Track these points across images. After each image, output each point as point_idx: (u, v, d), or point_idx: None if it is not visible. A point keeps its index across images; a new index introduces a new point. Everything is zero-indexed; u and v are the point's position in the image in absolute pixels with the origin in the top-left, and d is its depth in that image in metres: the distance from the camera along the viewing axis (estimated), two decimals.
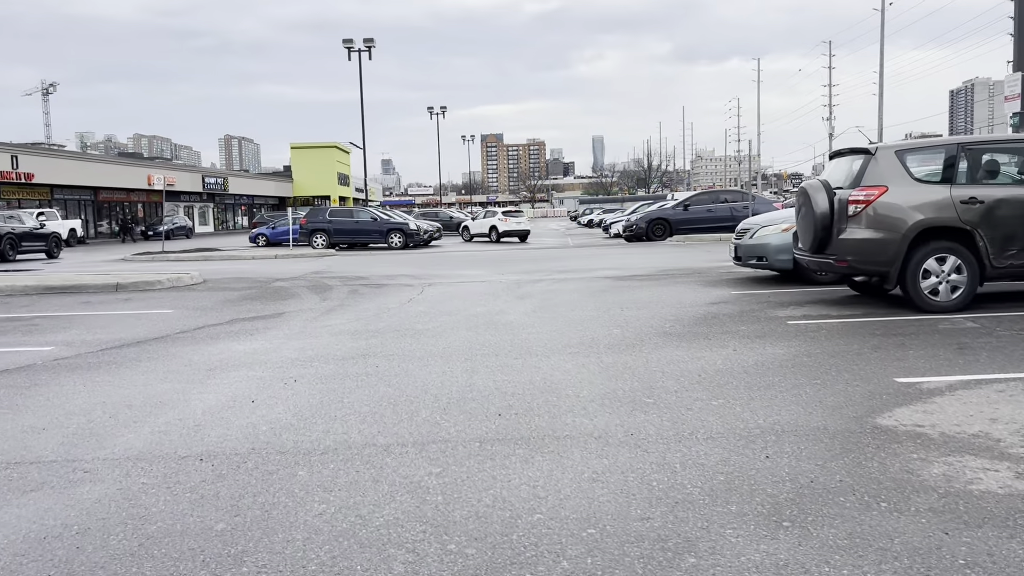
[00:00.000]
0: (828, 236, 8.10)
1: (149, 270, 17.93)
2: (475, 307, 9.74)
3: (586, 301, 9.87)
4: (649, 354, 6.39)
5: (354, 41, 44.47)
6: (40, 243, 26.94)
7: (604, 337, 7.26)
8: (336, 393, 5.49)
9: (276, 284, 13.52)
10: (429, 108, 70.24)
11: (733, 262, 11.51)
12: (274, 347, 7.42)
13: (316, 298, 11.30)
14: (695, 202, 25.15)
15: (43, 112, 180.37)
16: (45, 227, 28.55)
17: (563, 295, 10.60)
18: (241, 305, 10.72)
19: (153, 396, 5.59)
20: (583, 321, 8.24)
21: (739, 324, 7.68)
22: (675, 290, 10.62)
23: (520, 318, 8.67)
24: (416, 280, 13.59)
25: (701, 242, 22.44)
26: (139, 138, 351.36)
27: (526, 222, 35.16)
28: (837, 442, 4.01)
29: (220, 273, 16.57)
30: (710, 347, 6.59)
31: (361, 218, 30.23)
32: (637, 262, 15.92)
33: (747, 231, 10.98)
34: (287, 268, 17.92)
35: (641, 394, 5.11)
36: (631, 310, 8.89)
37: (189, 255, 23.87)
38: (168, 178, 39.02)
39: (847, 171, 8.30)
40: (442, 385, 5.60)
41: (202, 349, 7.42)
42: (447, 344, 7.23)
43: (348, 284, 13.21)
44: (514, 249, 25.02)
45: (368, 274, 15.34)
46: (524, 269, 15.44)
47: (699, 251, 18.68)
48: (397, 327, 8.37)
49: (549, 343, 7.07)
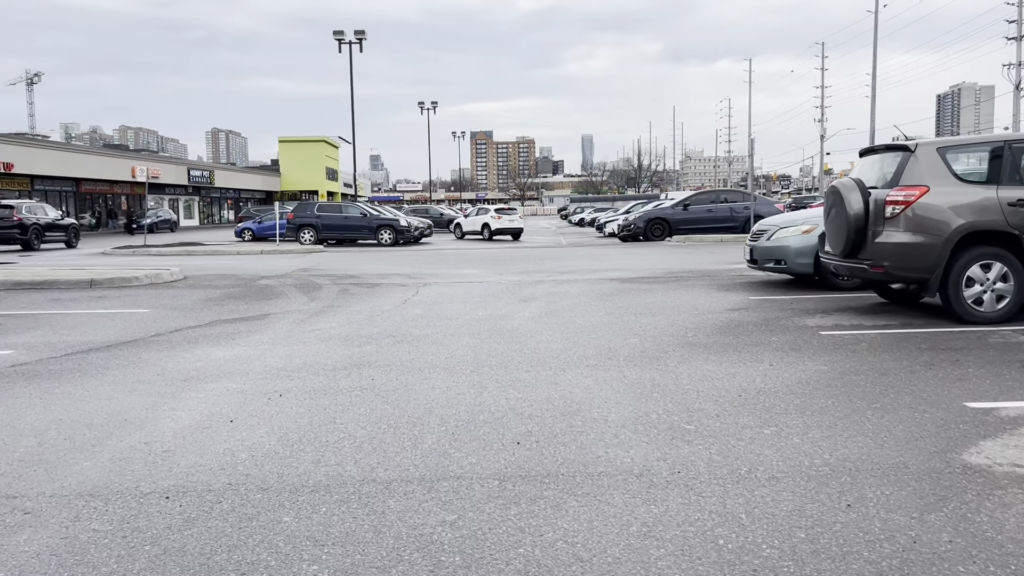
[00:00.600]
0: (862, 239, 7.48)
1: (128, 265, 17.14)
2: (476, 310, 9.07)
3: (595, 305, 9.21)
4: (677, 368, 5.74)
5: (345, 33, 43.61)
6: (61, 233, 28.40)
7: (622, 347, 6.61)
8: (327, 412, 4.81)
9: (261, 282, 12.79)
10: (420, 103, 69.44)
11: (747, 265, 10.89)
12: (257, 354, 6.73)
13: (304, 298, 10.59)
14: (695, 202, 24.51)
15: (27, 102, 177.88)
16: (65, 219, 29.62)
17: (569, 298, 9.94)
18: (223, 305, 10.00)
19: (118, 413, 4.90)
20: (595, 328, 7.59)
21: (767, 334, 7.05)
22: (688, 294, 9.99)
23: (526, 324, 8.01)
24: (410, 279, 12.90)
25: (702, 243, 21.83)
26: (125, 130, 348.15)
27: (519, 220, 34.55)
28: (927, 486, 3.37)
29: (203, 269, 15.81)
30: (742, 361, 5.96)
31: (350, 214, 29.47)
32: (641, 263, 15.29)
33: (764, 233, 10.36)
34: (273, 264, 17.18)
35: (679, 418, 4.46)
36: (646, 316, 8.25)
37: (172, 249, 23.06)
38: (152, 170, 38.14)
39: (882, 169, 7.69)
40: (448, 403, 4.93)
41: (177, 355, 6.72)
42: (449, 353, 6.56)
43: (338, 283, 12.50)
44: (509, 247, 24.35)
45: (359, 272, 14.63)
46: (523, 269, 14.77)
47: (702, 252, 18.07)
48: (393, 332, 7.69)
49: (562, 354, 6.41)
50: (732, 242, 21.72)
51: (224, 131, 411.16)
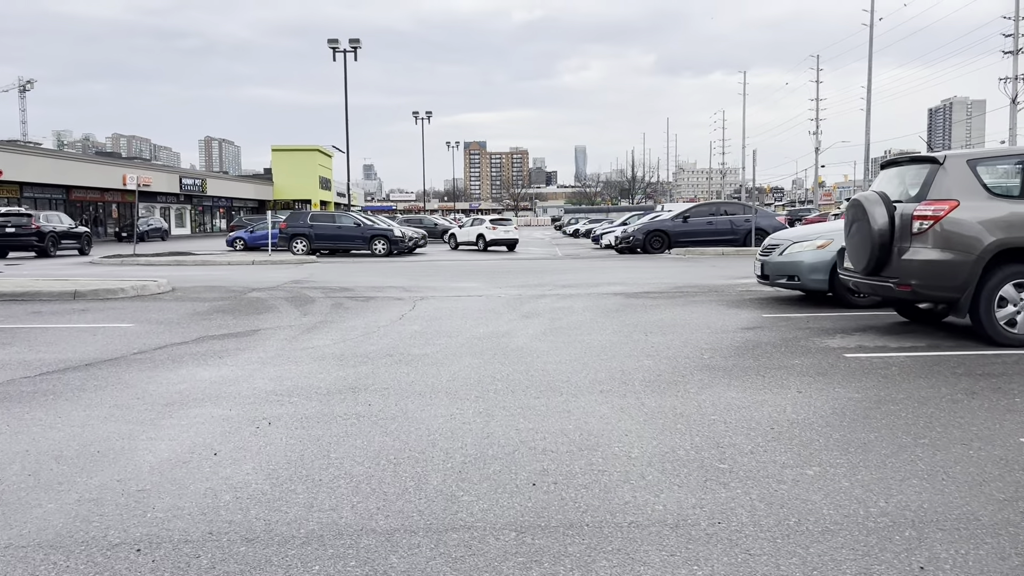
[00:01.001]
0: (887, 256, 7.09)
1: (115, 275, 16.66)
2: (476, 327, 8.65)
3: (602, 323, 8.80)
4: (698, 395, 5.33)
5: (339, 42, 43.29)
6: (74, 241, 29.47)
7: (635, 369, 6.20)
8: (320, 444, 4.38)
9: (252, 295, 12.33)
10: (414, 113, 69.11)
11: (758, 280, 10.50)
12: (246, 375, 6.29)
13: (296, 312, 10.15)
14: (695, 214, 24.13)
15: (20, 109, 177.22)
16: (78, 227, 30.60)
17: (573, 314, 9.53)
18: (211, 319, 9.55)
19: (92, 443, 4.46)
20: (605, 348, 7.17)
21: (789, 356, 6.65)
22: (698, 311, 9.58)
23: (531, 342, 7.59)
24: (406, 293, 12.46)
25: (703, 256, 21.46)
26: (118, 138, 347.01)
27: (514, 231, 34.23)
28: (1006, 543, 2.96)
29: (192, 280, 15.34)
30: (768, 387, 5.55)
31: (344, 223, 29.03)
32: (643, 277, 14.89)
33: (775, 247, 9.97)
34: (265, 276, 16.72)
35: (709, 455, 4.04)
36: (656, 335, 7.83)
37: (161, 259, 22.57)
38: (143, 178, 37.67)
39: (907, 183, 7.32)
40: (452, 435, 4.50)
41: (160, 376, 6.27)
42: (451, 375, 6.14)
43: (331, 296, 12.06)
44: (506, 259, 23.95)
45: (353, 285, 14.19)
46: (522, 282, 14.35)
47: (704, 266, 17.69)
48: (390, 351, 7.26)
49: (572, 377, 5.99)
50: (734, 255, 21.37)
51: (217, 139, 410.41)
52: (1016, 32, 47.35)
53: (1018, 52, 47.40)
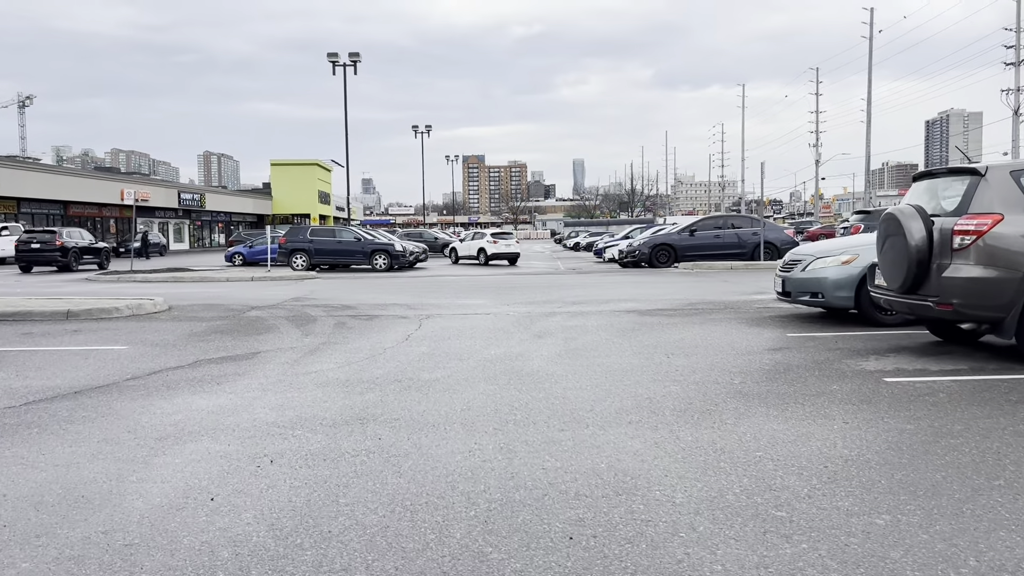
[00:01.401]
0: (924, 274, 6.70)
1: (110, 293, 16.26)
2: (488, 348, 8.24)
3: (619, 343, 8.39)
4: (736, 427, 4.92)
5: (339, 55, 43.09)
6: (94, 256, 31.01)
7: (663, 396, 5.79)
8: (328, 486, 3.96)
9: (251, 313, 11.92)
10: (414, 127, 68.99)
11: (777, 297, 10.10)
12: (245, 403, 5.87)
13: (297, 332, 9.73)
14: (701, 227, 23.74)
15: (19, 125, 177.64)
16: (98, 243, 32.26)
17: (588, 334, 9.12)
18: (209, 341, 9.13)
19: (76, 485, 4.05)
20: (626, 372, 6.76)
21: (825, 380, 6.24)
22: (718, 330, 9.18)
23: (546, 365, 7.18)
24: (411, 311, 12.05)
25: (712, 271, 21.05)
26: (117, 153, 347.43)
27: (515, 245, 33.95)
28: None
29: (189, 298, 14.93)
30: (810, 417, 5.14)
31: (344, 238, 28.68)
32: (654, 293, 14.47)
33: (797, 263, 9.57)
34: (264, 293, 16.31)
35: (763, 500, 3.63)
36: (679, 357, 7.42)
37: (158, 275, 22.16)
38: (141, 193, 37.43)
39: (943, 195, 6.94)
40: (473, 475, 4.09)
41: (154, 406, 5.86)
42: (465, 403, 5.72)
43: (333, 315, 11.65)
44: (509, 274, 23.55)
45: (355, 302, 13.78)
46: (530, 299, 13.94)
47: (715, 281, 17.27)
48: (398, 376, 6.85)
49: (596, 405, 5.58)
50: (743, 270, 20.97)
51: (216, 154, 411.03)
52: (1018, 44, 47.20)
53: (1020, 64, 47.24)
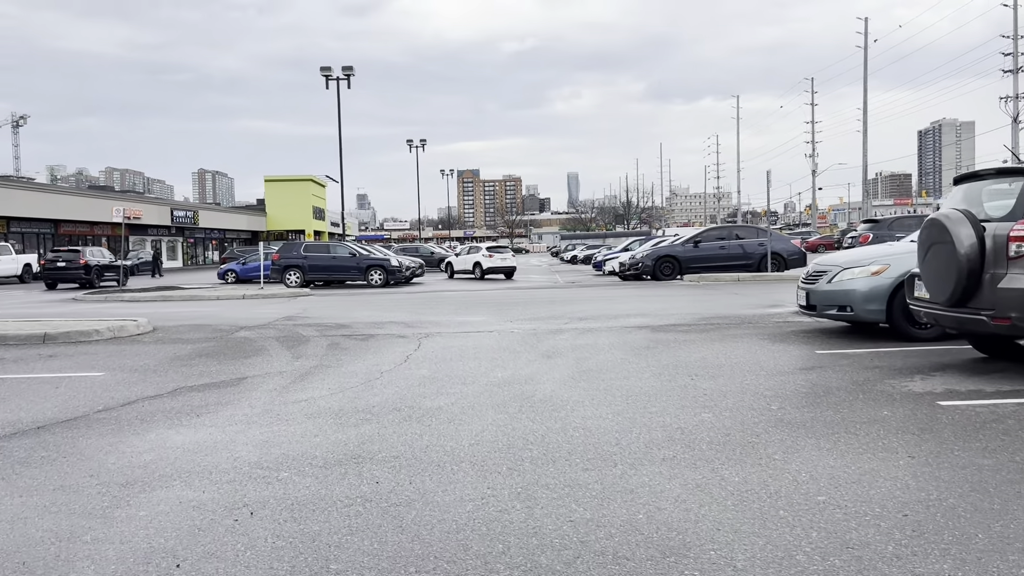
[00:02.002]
0: (976, 285, 6.10)
1: (94, 314, 15.58)
2: (494, 370, 7.59)
3: (636, 363, 7.75)
4: (786, 464, 4.29)
5: (332, 69, 42.62)
6: (114, 273, 32.63)
7: (695, 426, 5.15)
8: (317, 546, 3.32)
9: (240, 334, 11.25)
10: (408, 141, 68.58)
11: (800, 311, 9.50)
12: (226, 439, 5.23)
13: (287, 355, 9.08)
14: (705, 238, 23.11)
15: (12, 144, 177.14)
16: (117, 261, 33.46)
17: (600, 353, 8.48)
18: (192, 365, 8.48)
19: (18, 550, 3.41)
20: (650, 397, 6.13)
21: (873, 405, 5.61)
22: (740, 348, 8.55)
23: (560, 390, 6.54)
24: (409, 329, 11.40)
25: (719, 283, 20.42)
26: (111, 171, 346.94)
27: (511, 258, 33.51)
28: None
29: (176, 318, 14.26)
30: (867, 449, 4.51)
31: (338, 253, 28.06)
32: (664, 307, 13.83)
33: (822, 274, 8.96)
34: (255, 312, 15.64)
35: (842, 564, 2.99)
36: (705, 379, 6.79)
37: (147, 295, 21.49)
38: (130, 210, 36.90)
39: (991, 199, 6.35)
40: (488, 531, 3.45)
41: (124, 443, 5.21)
42: (473, 436, 5.09)
43: (327, 335, 10.99)
44: (509, 289, 22.91)
45: (350, 320, 13.12)
46: (533, 314, 13.29)
47: (724, 294, 16.63)
48: (397, 404, 6.21)
49: (622, 438, 4.94)
50: (751, 281, 20.36)
51: (210, 172, 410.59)
52: (1015, 51, 46.97)
53: (1018, 71, 46.98)
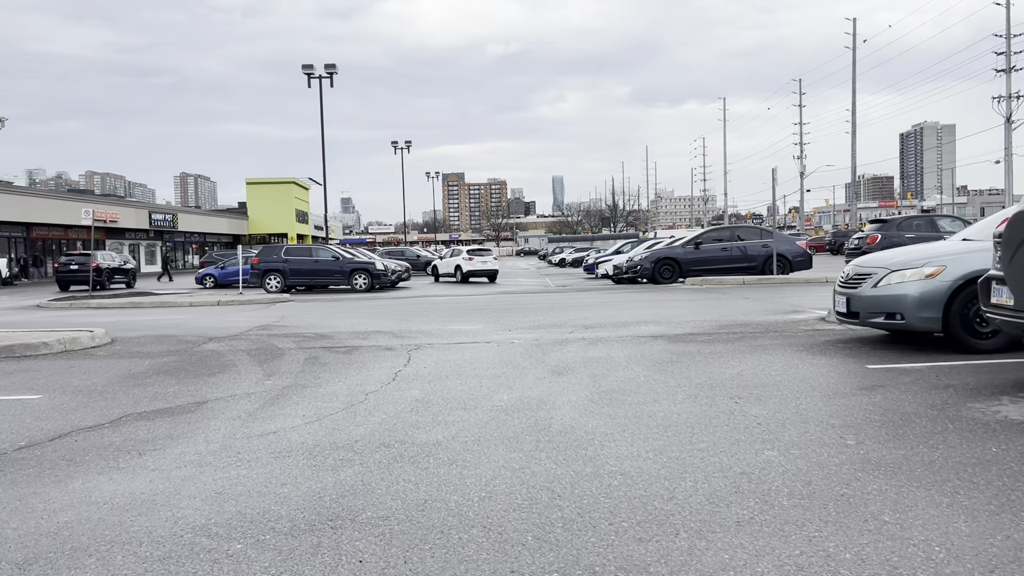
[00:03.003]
0: None
1: (51, 323, 14.35)
2: (498, 391, 6.50)
3: (664, 382, 6.67)
4: (906, 530, 3.22)
5: (315, 67, 41.41)
6: (124, 276, 34.58)
7: (762, 470, 4.09)
8: None
9: (208, 347, 10.09)
10: (393, 143, 67.44)
11: (837, 318, 8.48)
12: (170, 490, 4.12)
13: (258, 372, 7.95)
14: (706, 239, 22.07)
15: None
16: (126, 265, 35.64)
17: (618, 368, 7.40)
18: (147, 386, 7.33)
19: None
20: (692, 428, 5.06)
21: (971, 439, 4.56)
22: (777, 362, 7.49)
23: (580, 417, 5.46)
24: (397, 340, 10.27)
25: (723, 287, 19.37)
26: (91, 175, 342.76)
27: (492, 261, 32.68)
28: None
29: (141, 327, 13.06)
30: (1002, 505, 3.46)
31: (321, 257, 26.85)
32: (674, 314, 12.71)
33: (865, 277, 7.93)
34: (229, 320, 14.45)
35: None
36: (751, 402, 5.73)
37: (116, 301, 20.23)
38: (106, 213, 35.80)
39: None
40: None
41: (38, 496, 4.08)
42: (483, 486, 4.00)
43: (305, 347, 9.85)
44: (503, 294, 21.78)
45: (331, 330, 11.97)
46: (533, 322, 12.18)
47: (734, 299, 15.55)
48: (385, 437, 5.10)
49: (674, 488, 3.86)
50: (757, 285, 19.34)
51: (193, 175, 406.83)
52: (1008, 50, 46.43)
53: (1011, 71, 46.45)
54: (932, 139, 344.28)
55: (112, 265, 33.73)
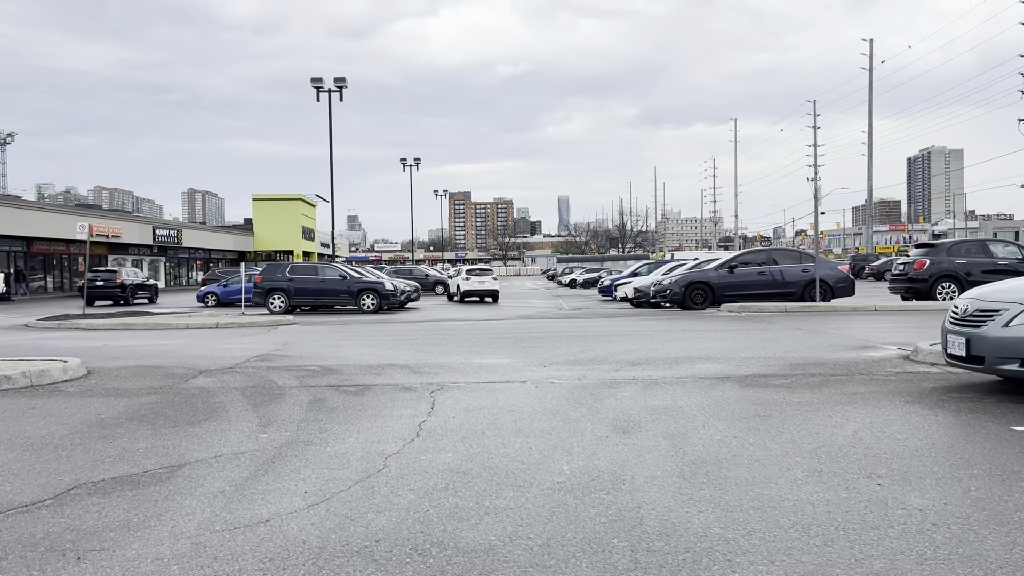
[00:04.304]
0: None
1: (30, 348, 13.01)
2: (553, 457, 5.11)
3: (766, 449, 5.25)
4: None
5: (324, 81, 40.32)
6: (146, 291, 35.67)
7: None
8: None
9: (197, 382, 8.70)
10: (403, 159, 66.34)
11: (951, 362, 7.07)
12: None
13: (253, 419, 6.57)
14: (742, 263, 20.62)
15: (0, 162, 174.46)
16: (149, 281, 37.41)
17: (696, 426, 5.97)
18: (114, 438, 5.95)
19: None
20: (842, 529, 3.65)
21: None
22: (891, 419, 6.07)
23: (677, 506, 4.06)
24: (416, 377, 8.88)
25: (764, 314, 17.89)
26: (100, 190, 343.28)
27: (491, 281, 31.82)
28: None
29: (127, 355, 11.69)
30: None
31: (327, 276, 25.50)
32: (727, 347, 11.11)
33: (992, 314, 6.53)
34: (226, 347, 13.07)
35: None
36: (900, 486, 4.31)
37: (108, 321, 18.88)
38: (103, 228, 34.80)
39: None
40: None
41: None
42: None
43: (308, 384, 8.46)
44: (525, 319, 20.31)
45: (339, 362, 10.55)
46: (567, 355, 10.74)
47: (784, 329, 14.01)
48: (416, 535, 3.72)
49: None
50: (800, 313, 17.88)
51: (200, 192, 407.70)
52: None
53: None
54: (939, 163, 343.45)
55: (136, 281, 35.24)
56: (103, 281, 33.68)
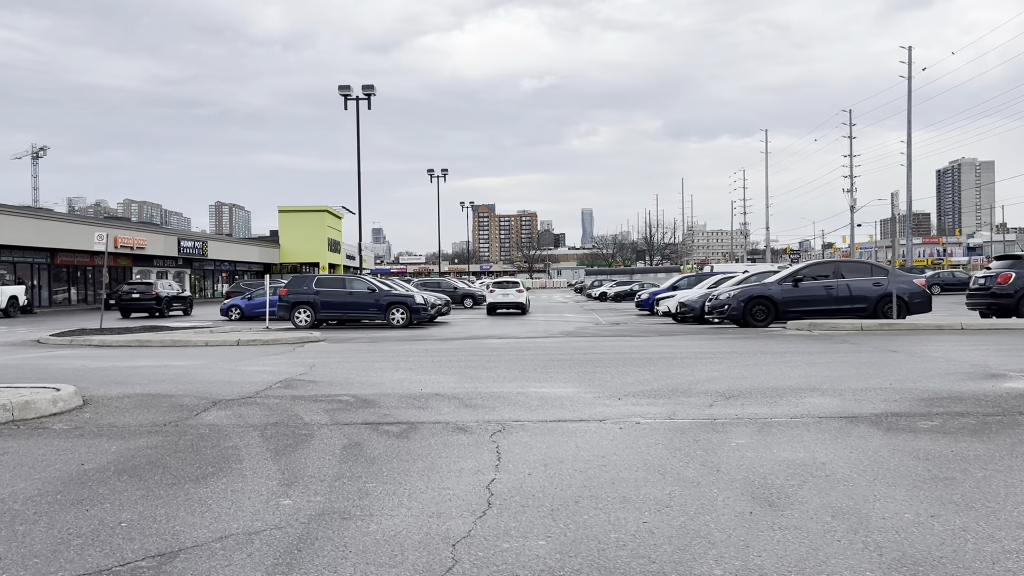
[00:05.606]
0: None
1: (30, 368, 11.74)
2: (691, 551, 3.63)
3: (987, 534, 3.73)
4: None
5: (352, 89, 39.28)
6: (181, 304, 36.24)
7: None
8: None
9: (209, 417, 7.31)
10: (430, 171, 65.44)
11: None
12: None
13: (273, 474, 5.15)
14: (807, 276, 18.98)
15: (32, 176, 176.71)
16: (184, 293, 38.03)
17: (866, 495, 4.45)
18: (93, 504, 4.56)
19: None
20: None
21: None
22: None
23: None
24: (468, 411, 7.42)
25: (839, 332, 16.19)
26: (129, 203, 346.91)
27: (515, 294, 32.16)
28: None
29: (134, 379, 10.36)
30: None
31: (355, 288, 24.24)
32: (827, 375, 9.26)
33: None
34: (246, 370, 11.70)
35: None
36: None
37: (123, 337, 17.67)
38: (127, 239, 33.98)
39: None
40: None
41: None
42: None
43: (341, 423, 7.03)
44: (567, 336, 18.79)
45: (375, 390, 9.10)
46: (640, 383, 9.18)
47: (873, 351, 12.33)
48: None
49: None
50: (878, 331, 16.19)
51: (227, 204, 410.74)
52: None
53: None
54: (969, 175, 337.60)
55: (171, 294, 35.71)
56: (139, 293, 34.24)
